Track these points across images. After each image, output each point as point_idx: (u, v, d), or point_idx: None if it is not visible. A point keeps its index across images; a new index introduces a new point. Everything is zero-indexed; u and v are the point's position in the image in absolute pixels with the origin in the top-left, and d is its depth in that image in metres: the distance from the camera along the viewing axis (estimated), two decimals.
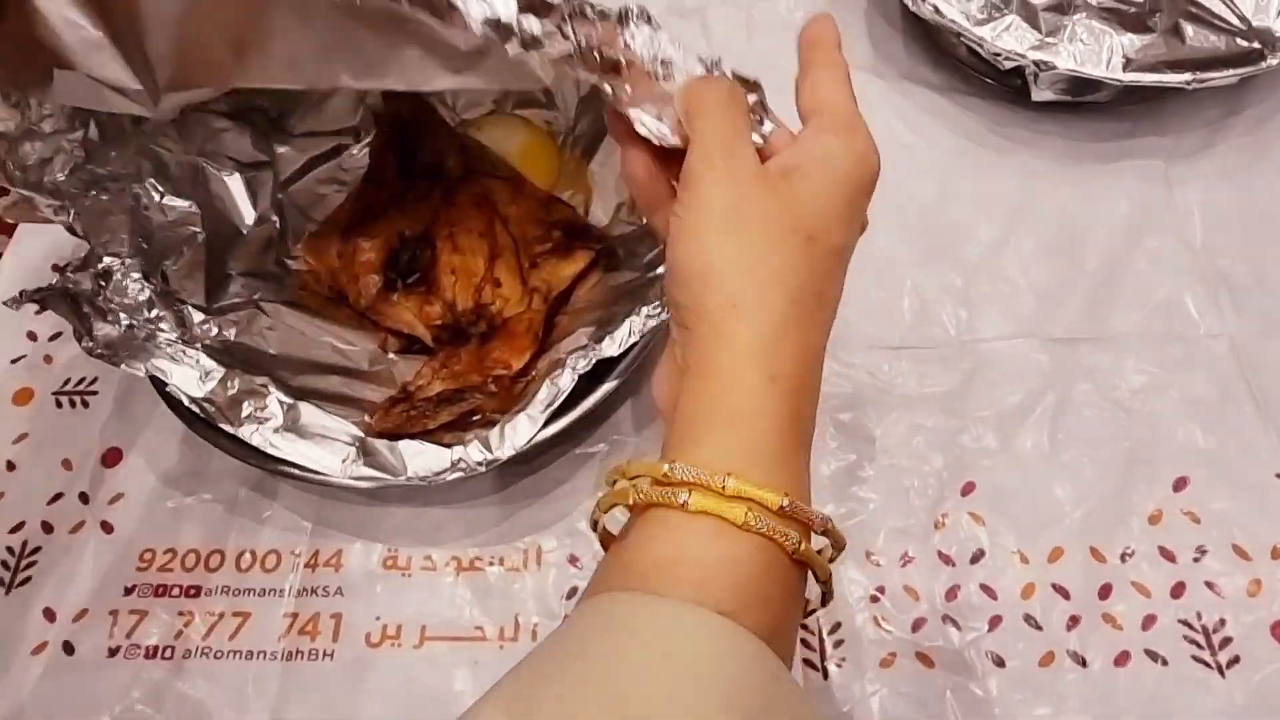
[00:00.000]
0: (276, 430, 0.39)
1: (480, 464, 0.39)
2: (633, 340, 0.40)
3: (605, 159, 0.50)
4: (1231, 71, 0.47)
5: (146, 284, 0.41)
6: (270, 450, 0.39)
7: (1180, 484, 0.43)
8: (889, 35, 0.58)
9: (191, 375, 0.40)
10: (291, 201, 0.50)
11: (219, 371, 0.40)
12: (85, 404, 0.48)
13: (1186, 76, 0.47)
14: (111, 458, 0.47)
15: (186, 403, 0.39)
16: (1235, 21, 0.49)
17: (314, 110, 0.51)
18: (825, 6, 0.60)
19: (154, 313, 0.41)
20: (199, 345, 0.41)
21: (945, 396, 0.46)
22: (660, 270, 0.42)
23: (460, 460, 0.39)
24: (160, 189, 0.44)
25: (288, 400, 0.40)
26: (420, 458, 0.39)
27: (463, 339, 0.44)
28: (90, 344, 0.39)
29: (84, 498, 0.46)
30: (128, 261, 0.41)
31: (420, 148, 0.49)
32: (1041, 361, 0.47)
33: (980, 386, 0.46)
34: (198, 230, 0.45)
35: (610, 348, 0.40)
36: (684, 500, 0.24)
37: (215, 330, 0.43)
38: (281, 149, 0.50)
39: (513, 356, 0.43)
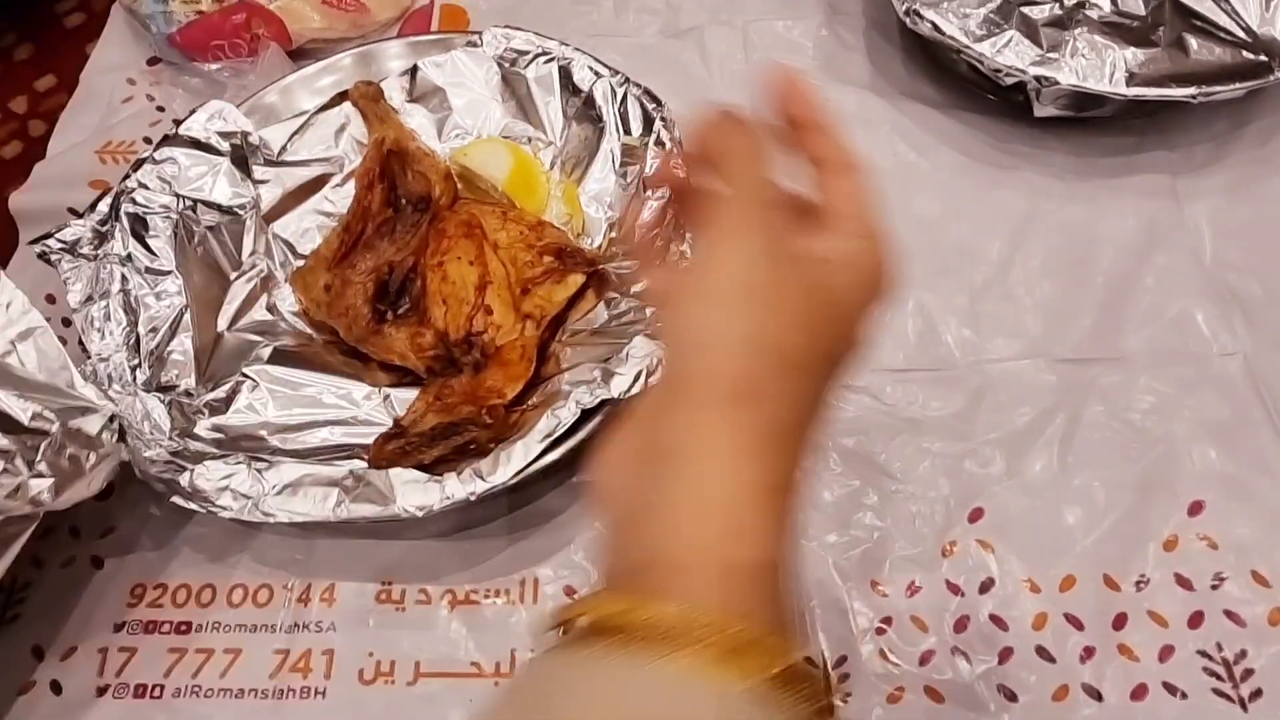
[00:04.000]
0: (264, 498, 0.38)
1: (472, 494, 0.38)
2: (639, 389, 0.39)
3: (596, 181, 0.49)
4: (1238, 84, 0.46)
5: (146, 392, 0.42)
6: (257, 519, 0.38)
7: (1196, 508, 0.42)
8: (889, 53, 0.58)
9: (186, 477, 0.39)
10: (278, 238, 0.49)
11: (206, 467, 0.39)
12: None
13: (1192, 90, 0.46)
14: (103, 490, 0.46)
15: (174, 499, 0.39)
16: (1240, 33, 0.48)
17: (296, 137, 0.50)
18: (825, 25, 0.60)
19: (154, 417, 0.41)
20: (192, 438, 0.41)
21: (952, 420, 0.45)
22: None
23: (451, 492, 0.38)
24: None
25: (275, 469, 0.40)
26: (411, 490, 0.38)
27: (456, 369, 0.43)
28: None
29: (74, 532, 0.45)
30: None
31: (406, 176, 0.48)
32: (1050, 382, 0.45)
33: (988, 409, 0.45)
34: (181, 299, 0.45)
35: (619, 386, 0.39)
36: (648, 647, 0.19)
37: (205, 415, 0.43)
38: (262, 181, 0.49)
39: (507, 384, 0.42)
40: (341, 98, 0.53)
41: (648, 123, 0.48)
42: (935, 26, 0.50)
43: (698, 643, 0.19)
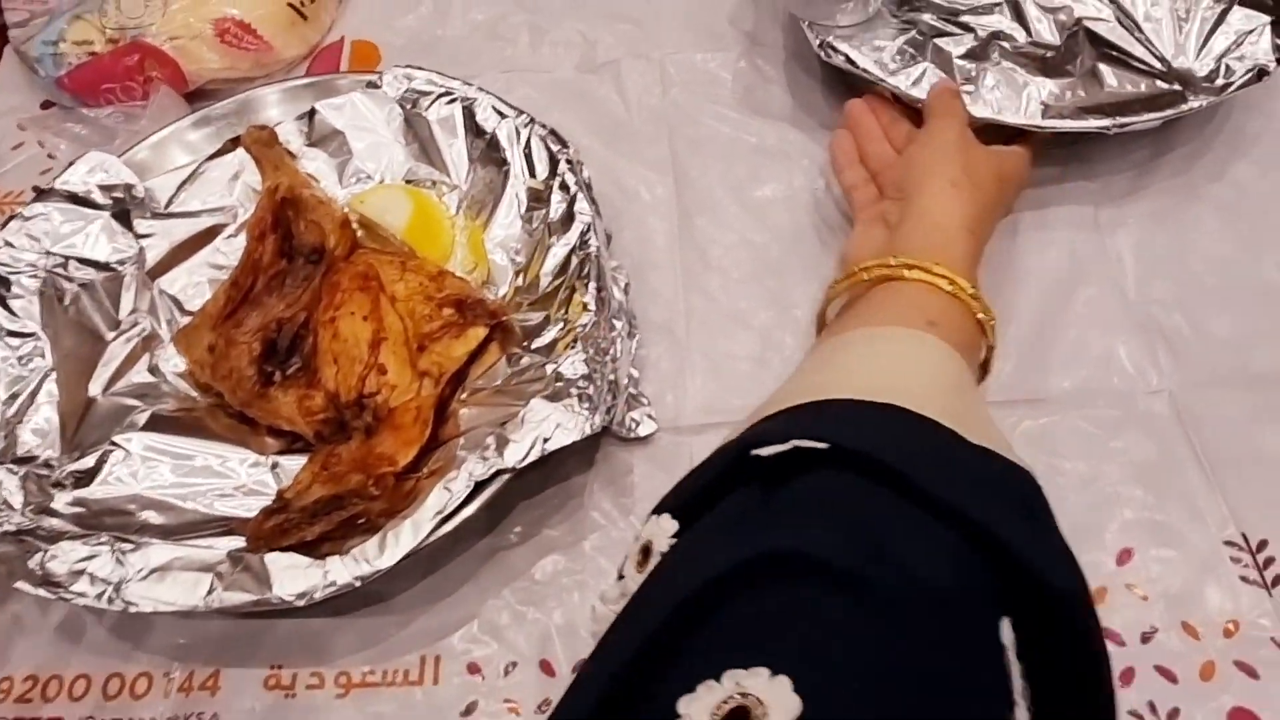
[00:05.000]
0: (126, 583, 0.35)
1: (357, 579, 0.35)
2: (535, 457, 0.37)
3: (501, 227, 0.47)
4: (1153, 115, 0.45)
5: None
6: (118, 608, 0.35)
7: (1124, 557, 0.40)
8: (808, 84, 0.56)
9: (36, 559, 0.36)
10: (164, 294, 0.46)
11: (60, 548, 0.36)
12: None
13: (1106, 122, 0.45)
14: None
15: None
16: (1155, 63, 0.47)
17: (185, 186, 0.48)
18: (743, 57, 0.59)
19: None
20: (49, 514, 0.38)
21: None
22: (561, 365, 0.39)
23: (334, 578, 0.35)
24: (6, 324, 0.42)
25: (142, 551, 0.37)
26: (290, 575, 0.36)
27: (346, 434, 0.41)
28: None
29: None
30: None
31: (300, 226, 0.46)
32: None
33: None
34: (46, 362, 0.42)
35: (513, 457, 0.37)
36: (905, 274, 0.36)
37: (67, 488, 0.39)
38: (147, 235, 0.46)
39: (399, 451, 0.39)
40: (235, 143, 0.50)
41: (553, 164, 0.46)
42: (849, 59, 0.49)
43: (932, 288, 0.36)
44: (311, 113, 0.50)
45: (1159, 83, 0.47)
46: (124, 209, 0.47)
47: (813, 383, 0.32)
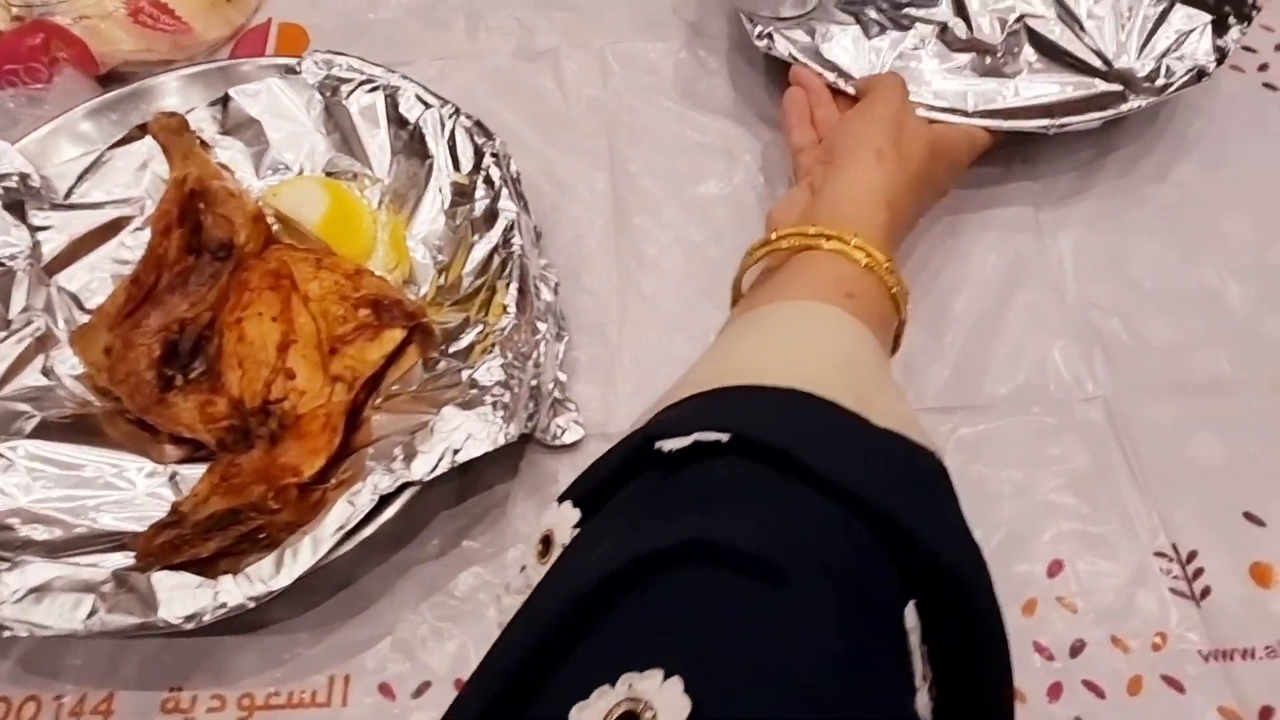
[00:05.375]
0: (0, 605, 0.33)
1: (250, 600, 0.33)
2: (444, 470, 0.35)
3: (424, 222, 0.45)
4: (1093, 115, 0.44)
5: None
6: None
7: (1055, 568, 0.39)
8: (752, 77, 0.54)
9: None
10: (63, 291, 0.43)
11: None
12: None
13: (1046, 122, 0.44)
14: None
15: None
16: (1096, 62, 0.46)
17: (88, 176, 0.45)
18: (685, 48, 0.57)
19: None
20: None
21: None
22: (477, 371, 0.37)
23: (225, 599, 0.33)
24: None
25: (20, 570, 0.34)
26: (178, 596, 0.33)
27: (250, 442, 0.38)
28: None
29: None
30: None
31: (209, 220, 0.43)
32: None
33: None
34: None
35: (421, 469, 0.35)
36: (822, 245, 0.36)
37: None
38: (44, 227, 0.44)
39: (304, 460, 0.37)
40: (142, 130, 0.47)
41: (478, 157, 0.44)
42: (792, 54, 0.47)
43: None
44: (225, 99, 0.48)
45: (1100, 82, 0.46)
46: (17, 199, 0.44)
47: (720, 367, 0.31)
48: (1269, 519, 0.40)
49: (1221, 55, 0.46)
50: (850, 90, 0.46)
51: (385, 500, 0.35)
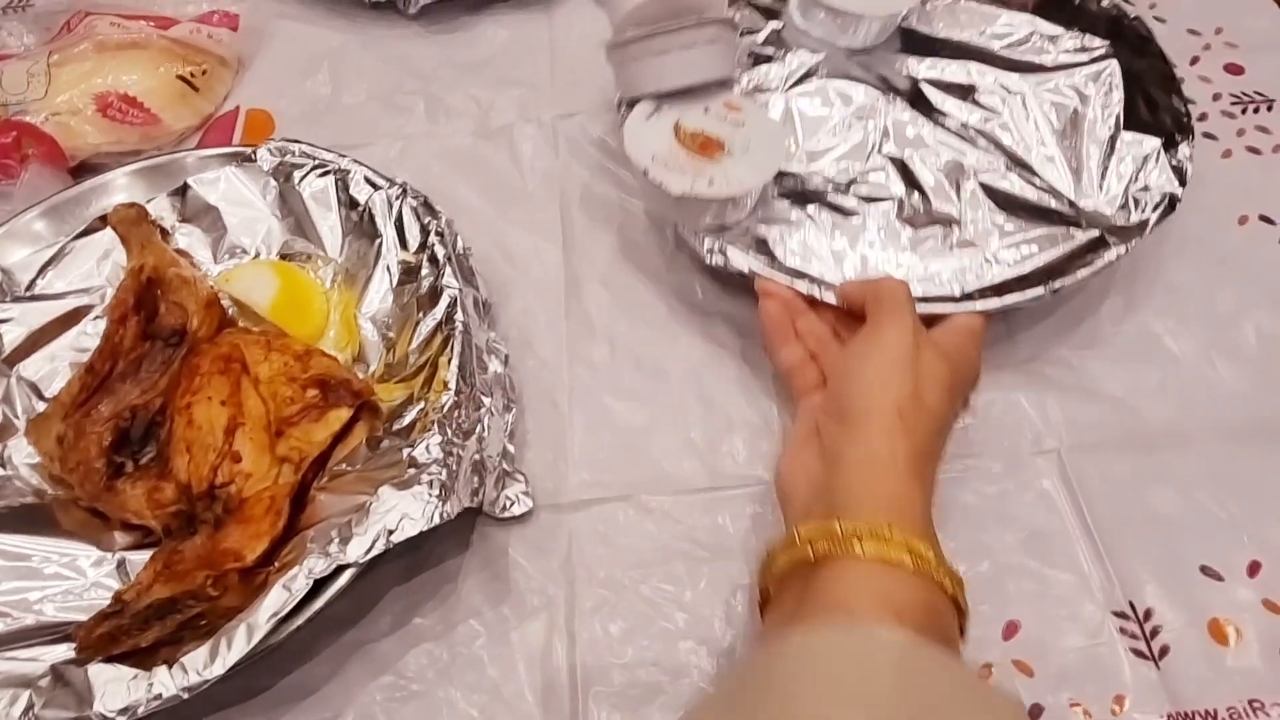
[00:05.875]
0: None
1: (184, 690, 0.33)
2: (380, 551, 0.35)
3: (373, 301, 0.46)
4: (1084, 273, 0.41)
5: None
6: None
7: (1011, 630, 0.39)
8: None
9: None
10: (23, 380, 0.44)
11: None
12: None
13: (1039, 291, 0.41)
14: None
15: None
16: (1063, 207, 0.45)
17: (50, 267, 0.46)
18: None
19: None
20: None
21: (746, 536, 0.41)
22: (415, 449, 0.37)
23: (159, 690, 0.33)
24: None
25: None
26: (113, 689, 0.33)
27: (195, 528, 0.39)
28: None
29: None
30: None
31: (163, 307, 0.44)
32: None
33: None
34: None
35: (355, 551, 0.35)
36: (858, 550, 0.30)
37: None
38: (5, 319, 0.45)
39: (246, 545, 0.37)
40: (103, 222, 0.49)
41: (424, 235, 0.45)
42: (751, 269, 0.43)
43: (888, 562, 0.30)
44: (184, 188, 0.49)
45: (1077, 231, 0.45)
46: None
47: None
48: (1226, 573, 0.39)
49: (1181, 177, 0.44)
50: (831, 299, 0.41)
51: (322, 584, 0.35)
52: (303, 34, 0.64)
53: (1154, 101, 0.48)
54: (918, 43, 0.52)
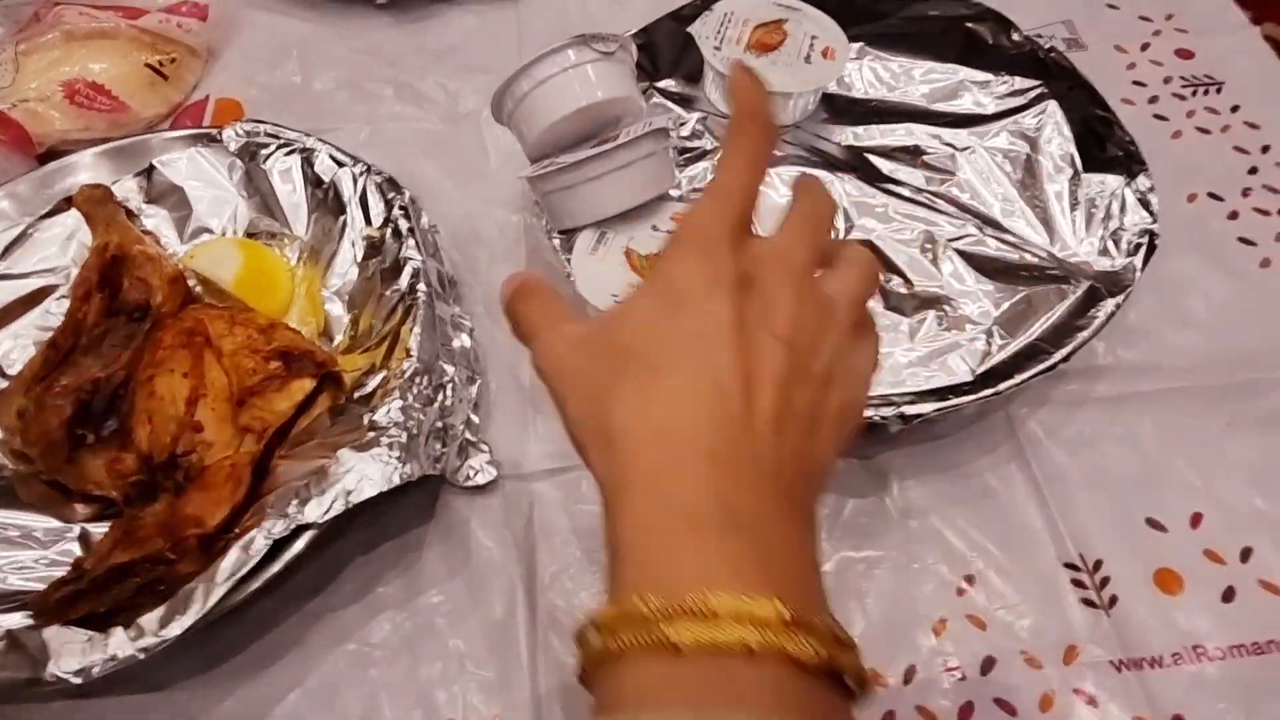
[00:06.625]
0: None
1: (141, 652, 0.33)
2: (339, 511, 0.35)
3: (338, 276, 0.46)
4: (1086, 335, 0.40)
5: None
6: None
7: (965, 586, 0.39)
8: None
9: None
10: None
11: None
12: None
13: (1056, 359, 0.40)
14: None
15: None
16: (1046, 263, 0.45)
17: (15, 248, 0.46)
18: None
19: None
20: None
21: None
22: (376, 413, 0.38)
23: (115, 651, 0.33)
24: None
25: None
26: (67, 651, 0.33)
27: (156, 496, 0.39)
28: None
29: None
30: None
31: (126, 284, 0.44)
32: None
33: None
34: None
35: (314, 512, 0.35)
36: (674, 641, 0.20)
37: None
38: None
39: (207, 511, 0.37)
40: (68, 203, 0.49)
41: (388, 210, 0.46)
42: None
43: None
44: (150, 169, 0.50)
45: (1069, 288, 0.43)
46: None
47: None
48: (1170, 525, 0.40)
49: (1150, 210, 0.44)
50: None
51: (283, 547, 0.35)
52: (272, 24, 0.64)
53: (1098, 135, 0.48)
54: (843, 109, 0.51)
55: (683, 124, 0.51)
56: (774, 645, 0.20)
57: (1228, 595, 0.38)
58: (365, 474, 0.36)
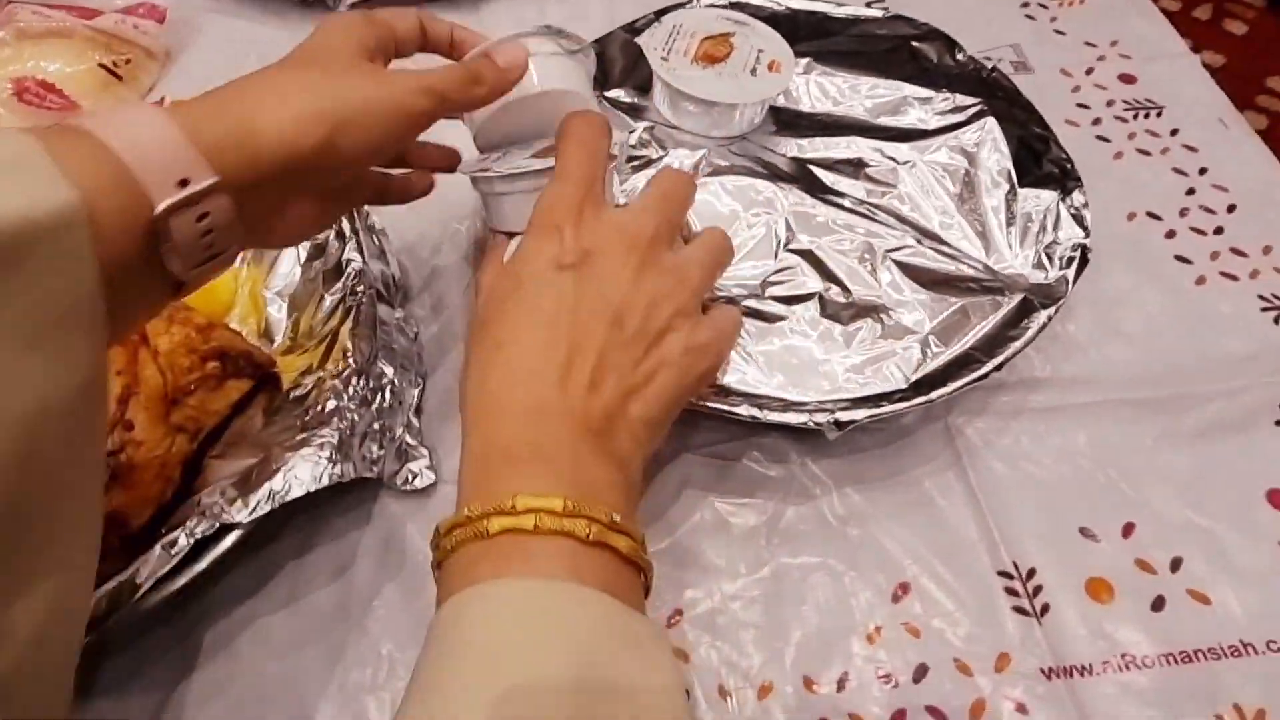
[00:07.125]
0: None
1: None
2: (266, 511, 0.35)
3: (281, 276, 0.46)
4: (1020, 344, 0.41)
5: None
6: None
7: (900, 593, 0.39)
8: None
9: None
10: None
11: None
12: None
13: (989, 368, 0.40)
14: None
15: None
16: (981, 274, 0.45)
17: None
18: None
19: None
20: None
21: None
22: (309, 414, 0.38)
23: None
24: None
25: None
26: None
27: None
28: None
29: None
30: None
31: None
32: None
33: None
34: None
35: (239, 513, 0.35)
36: (486, 529, 0.28)
37: None
38: None
39: (133, 510, 0.37)
40: None
41: None
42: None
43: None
44: None
45: (1002, 299, 0.44)
46: None
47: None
48: (1102, 534, 0.40)
49: (1083, 225, 0.45)
50: (776, 418, 0.40)
51: (209, 547, 0.35)
52: (232, 28, 0.64)
53: (1035, 151, 0.49)
54: (789, 121, 0.51)
55: (631, 131, 0.51)
56: (555, 524, 0.27)
57: (1158, 604, 0.39)
58: (295, 474, 0.35)
